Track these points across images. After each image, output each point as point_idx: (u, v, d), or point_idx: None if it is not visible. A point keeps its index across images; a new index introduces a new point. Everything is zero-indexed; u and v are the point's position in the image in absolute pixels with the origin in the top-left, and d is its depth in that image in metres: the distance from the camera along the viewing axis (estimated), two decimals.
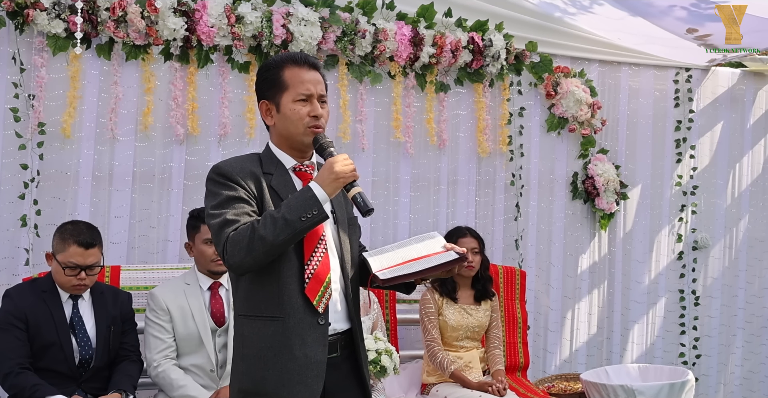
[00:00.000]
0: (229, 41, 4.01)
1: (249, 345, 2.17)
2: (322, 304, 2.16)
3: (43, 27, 3.65)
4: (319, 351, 2.15)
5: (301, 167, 2.29)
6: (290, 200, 2.10)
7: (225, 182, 2.17)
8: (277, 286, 2.14)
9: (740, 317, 5.57)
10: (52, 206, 3.77)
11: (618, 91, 5.24)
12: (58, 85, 3.80)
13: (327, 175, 2.11)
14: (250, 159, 2.29)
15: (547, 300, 4.98)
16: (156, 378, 3.35)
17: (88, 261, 3.18)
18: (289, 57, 2.29)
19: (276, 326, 2.13)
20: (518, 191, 4.87)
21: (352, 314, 2.28)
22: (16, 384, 3.05)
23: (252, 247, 2.04)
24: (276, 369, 2.12)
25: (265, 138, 4.18)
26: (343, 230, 2.30)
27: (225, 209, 2.12)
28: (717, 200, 5.54)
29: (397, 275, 2.20)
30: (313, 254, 2.17)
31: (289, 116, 2.24)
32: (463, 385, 3.76)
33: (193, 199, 4.06)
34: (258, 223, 2.07)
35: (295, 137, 2.25)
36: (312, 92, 2.24)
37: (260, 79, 2.31)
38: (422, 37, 4.41)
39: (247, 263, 2.07)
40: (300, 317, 2.14)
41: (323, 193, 2.09)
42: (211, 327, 3.41)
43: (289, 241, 2.08)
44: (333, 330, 2.21)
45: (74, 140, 3.83)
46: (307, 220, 2.06)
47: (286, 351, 2.12)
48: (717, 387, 5.52)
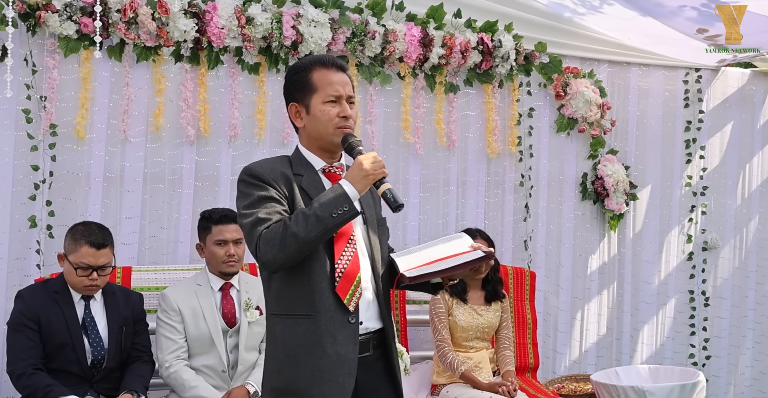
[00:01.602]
0: (240, 43, 4.02)
1: (280, 343, 2.19)
2: (352, 303, 2.18)
3: (55, 29, 3.67)
4: (350, 350, 2.17)
5: (331, 168, 2.31)
6: (321, 197, 2.13)
7: (256, 183, 2.20)
8: (308, 285, 2.17)
9: (750, 317, 5.55)
10: (63, 207, 3.79)
11: (627, 91, 5.23)
12: (69, 86, 3.82)
13: (357, 172, 2.15)
14: (281, 161, 2.31)
15: (557, 301, 4.97)
16: (168, 379, 3.36)
17: (100, 262, 3.19)
18: (317, 59, 2.32)
19: (307, 324, 2.16)
20: (527, 191, 4.87)
21: (384, 313, 2.30)
22: (30, 385, 3.06)
23: (284, 244, 2.07)
24: (307, 366, 2.15)
25: (275, 139, 4.25)
26: (372, 231, 2.33)
27: (257, 209, 2.16)
28: (727, 200, 5.52)
29: (423, 273, 2.22)
30: (343, 254, 2.20)
31: (318, 118, 2.26)
32: (473, 386, 3.76)
33: (203, 200, 4.07)
34: (290, 220, 2.10)
35: (325, 138, 2.28)
36: (341, 93, 2.27)
37: (289, 81, 2.34)
38: (432, 38, 4.41)
39: (279, 259, 2.10)
40: (331, 315, 2.16)
41: (353, 190, 2.13)
42: (222, 328, 3.42)
43: (320, 238, 2.11)
44: (365, 329, 2.23)
45: (85, 141, 3.84)
46: (338, 216, 2.09)
47: (318, 349, 2.15)
48: (727, 387, 5.51)
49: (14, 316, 3.19)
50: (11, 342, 3.17)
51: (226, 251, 3.46)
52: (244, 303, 3.47)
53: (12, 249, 3.74)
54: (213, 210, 3.58)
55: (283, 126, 4.23)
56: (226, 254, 3.45)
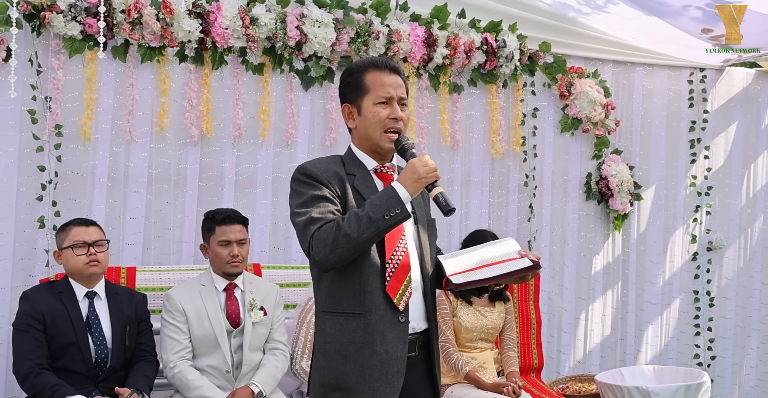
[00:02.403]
0: (244, 43, 4.02)
1: (330, 340, 2.22)
2: (402, 302, 2.21)
3: (60, 29, 3.68)
4: (400, 348, 2.21)
5: (383, 169, 2.34)
6: (374, 199, 2.16)
7: (310, 182, 2.23)
8: (360, 283, 2.20)
9: (755, 318, 5.55)
10: (68, 208, 3.80)
11: (632, 91, 5.22)
12: (74, 87, 3.83)
13: (409, 175, 2.17)
14: (334, 160, 2.34)
15: (561, 301, 4.97)
16: (172, 379, 3.37)
17: (93, 237, 3.28)
18: (371, 61, 2.35)
19: (358, 322, 2.19)
20: (532, 191, 4.87)
21: (430, 314, 2.33)
22: (36, 385, 3.07)
23: (337, 244, 2.10)
24: (357, 364, 2.18)
25: (279, 140, 4.25)
26: (423, 231, 2.36)
27: (310, 208, 2.18)
28: (731, 200, 5.51)
29: (470, 280, 2.24)
30: (395, 253, 2.23)
31: (369, 119, 2.29)
32: (478, 386, 3.76)
33: (207, 200, 4.08)
34: (343, 220, 2.12)
35: (375, 139, 2.31)
36: (392, 95, 2.30)
37: (343, 83, 2.37)
38: (436, 38, 4.41)
39: (332, 259, 2.13)
40: (381, 314, 2.19)
41: (406, 192, 2.15)
42: (226, 328, 3.42)
43: (372, 239, 2.13)
44: (412, 328, 2.26)
45: (90, 141, 3.85)
46: (390, 218, 2.12)
47: (368, 347, 2.18)
48: (732, 388, 5.50)
49: (19, 317, 3.20)
50: (17, 342, 3.18)
51: (230, 251, 3.46)
52: (248, 304, 3.47)
53: (17, 249, 3.75)
54: (216, 211, 3.58)
55: (287, 126, 4.23)
56: (229, 254, 3.45)
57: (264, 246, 4.20)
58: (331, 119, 4.30)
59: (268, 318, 3.52)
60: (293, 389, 3.83)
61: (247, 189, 4.19)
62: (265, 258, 4.18)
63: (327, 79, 4.27)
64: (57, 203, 3.76)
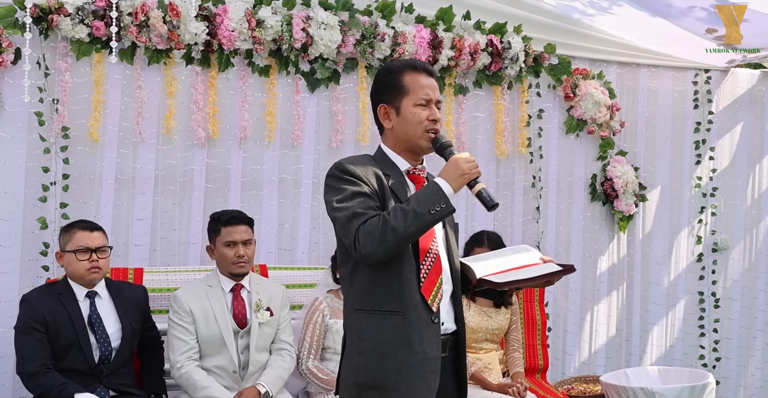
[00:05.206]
0: (250, 45, 4.04)
1: (367, 338, 2.22)
2: (436, 303, 2.23)
3: (67, 32, 3.70)
4: (435, 348, 2.22)
5: (414, 171, 2.36)
6: (418, 194, 2.18)
7: (349, 178, 2.24)
8: (398, 282, 2.21)
9: (760, 319, 5.53)
10: (76, 209, 3.82)
11: (637, 92, 5.22)
12: (81, 89, 3.85)
13: (453, 171, 2.20)
14: (368, 159, 2.35)
15: (566, 302, 4.97)
16: (179, 380, 3.38)
17: (96, 243, 3.28)
18: (409, 63, 2.37)
19: (396, 320, 2.20)
20: (537, 193, 4.87)
21: (460, 316, 2.34)
22: (43, 384, 3.09)
23: (384, 238, 2.11)
24: (395, 362, 2.18)
25: (285, 141, 4.26)
26: (451, 232, 2.39)
27: (352, 203, 2.19)
28: (736, 201, 5.51)
29: (512, 280, 2.27)
30: (428, 254, 2.25)
31: (409, 119, 2.31)
32: (483, 387, 3.77)
33: (214, 202, 4.10)
34: (389, 215, 2.14)
35: (413, 140, 2.32)
36: (431, 97, 2.32)
37: (379, 83, 2.38)
38: (441, 40, 4.42)
39: (378, 253, 2.13)
40: (418, 313, 2.20)
41: (449, 188, 2.17)
42: (233, 329, 3.44)
43: (418, 233, 2.14)
44: (444, 329, 2.28)
45: (97, 143, 3.88)
46: (436, 213, 2.13)
47: (406, 346, 2.18)
48: (737, 389, 5.49)
49: (21, 319, 3.22)
50: (20, 344, 3.19)
51: (236, 252, 3.48)
52: (254, 304, 3.49)
53: (25, 251, 3.77)
54: (222, 212, 3.60)
55: (293, 128, 4.25)
56: (235, 255, 3.47)
57: (270, 247, 4.22)
58: (336, 120, 4.32)
59: (274, 318, 3.54)
60: (299, 389, 3.84)
61: (253, 191, 4.21)
62: (271, 259, 4.20)
63: (333, 81, 4.29)
64: (65, 205, 3.78)
